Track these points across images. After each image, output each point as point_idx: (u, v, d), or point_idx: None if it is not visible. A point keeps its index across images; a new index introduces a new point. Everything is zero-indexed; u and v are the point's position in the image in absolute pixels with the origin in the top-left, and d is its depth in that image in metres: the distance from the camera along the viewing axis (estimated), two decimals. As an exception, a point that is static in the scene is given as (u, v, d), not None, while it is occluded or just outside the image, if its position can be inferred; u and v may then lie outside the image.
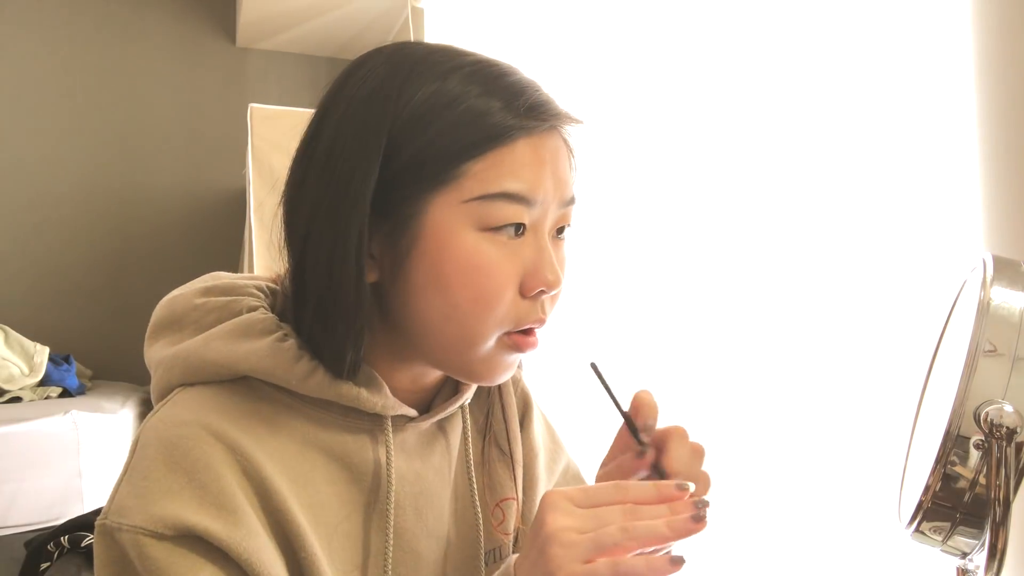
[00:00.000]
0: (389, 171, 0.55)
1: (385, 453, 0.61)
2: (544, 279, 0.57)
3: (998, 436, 0.50)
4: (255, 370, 0.56)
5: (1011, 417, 0.50)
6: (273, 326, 0.59)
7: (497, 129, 0.55)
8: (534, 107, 0.56)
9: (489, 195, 0.55)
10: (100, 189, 3.02)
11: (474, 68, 0.57)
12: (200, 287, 0.63)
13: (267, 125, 2.08)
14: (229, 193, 3.09)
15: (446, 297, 0.55)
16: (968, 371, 0.52)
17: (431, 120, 0.55)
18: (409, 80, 0.56)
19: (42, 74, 2.97)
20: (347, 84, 0.59)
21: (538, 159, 0.56)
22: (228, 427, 0.54)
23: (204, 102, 3.19)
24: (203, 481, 0.52)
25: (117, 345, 2.97)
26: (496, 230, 0.56)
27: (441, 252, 0.55)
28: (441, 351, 0.59)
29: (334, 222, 0.55)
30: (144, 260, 3.05)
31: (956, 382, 0.53)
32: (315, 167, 0.57)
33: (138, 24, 3.12)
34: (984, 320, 0.53)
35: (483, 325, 0.56)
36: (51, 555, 0.74)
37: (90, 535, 0.73)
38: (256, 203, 2.05)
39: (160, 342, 0.62)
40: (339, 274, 0.55)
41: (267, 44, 3.26)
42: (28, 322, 2.69)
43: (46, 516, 1.92)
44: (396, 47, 0.60)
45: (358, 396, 0.58)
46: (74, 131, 3.00)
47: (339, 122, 0.57)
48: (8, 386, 2.28)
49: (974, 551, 0.54)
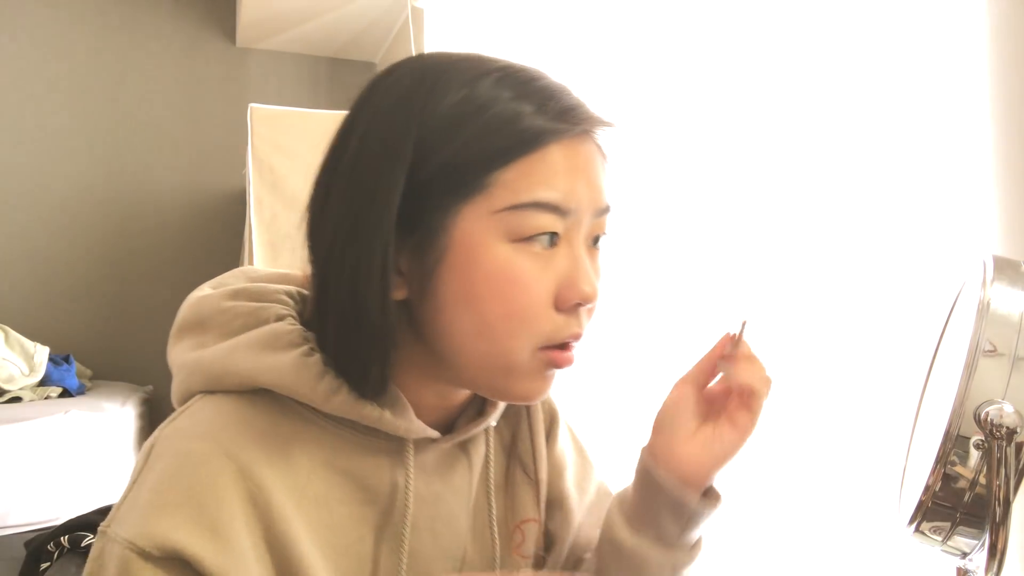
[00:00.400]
0: (416, 182, 0.53)
1: (404, 476, 0.59)
2: (580, 291, 0.55)
3: (998, 436, 0.50)
4: (277, 385, 0.55)
5: (1011, 417, 0.50)
6: (299, 339, 0.57)
7: (528, 134, 0.53)
8: (566, 111, 0.54)
9: (521, 205, 0.52)
10: (100, 189, 3.02)
11: (503, 73, 0.55)
12: (229, 290, 0.61)
13: (267, 125, 2.07)
14: (229, 193, 3.09)
15: (477, 313, 0.53)
16: (968, 371, 0.52)
17: (459, 127, 0.53)
18: (436, 87, 0.54)
19: (42, 74, 2.97)
20: (372, 95, 0.57)
21: (572, 165, 0.54)
22: (242, 446, 0.53)
23: (204, 102, 3.19)
24: (203, 502, 0.50)
25: (117, 345, 2.98)
26: (528, 240, 0.53)
27: (471, 265, 0.53)
28: (473, 369, 0.56)
29: (359, 236, 0.53)
30: (144, 260, 3.05)
31: (956, 382, 0.53)
32: (340, 179, 0.55)
33: (138, 24, 3.12)
34: (984, 320, 0.53)
35: (516, 341, 0.54)
36: (51, 555, 0.74)
37: (90, 535, 0.74)
38: (256, 203, 2.05)
39: (184, 343, 0.60)
40: (364, 291, 0.53)
41: (267, 44, 3.26)
42: (28, 322, 2.69)
43: (46, 516, 1.92)
44: (422, 56, 0.58)
45: (381, 418, 0.56)
46: (74, 131, 3.00)
47: (364, 133, 0.55)
48: (8, 386, 2.28)
49: (974, 551, 0.54)
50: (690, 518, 0.59)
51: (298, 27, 3.07)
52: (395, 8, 2.85)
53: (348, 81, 3.42)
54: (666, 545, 0.60)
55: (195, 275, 0.64)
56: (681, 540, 0.61)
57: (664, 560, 0.60)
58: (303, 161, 2.07)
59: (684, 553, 0.61)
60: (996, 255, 0.57)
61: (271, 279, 0.65)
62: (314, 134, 2.10)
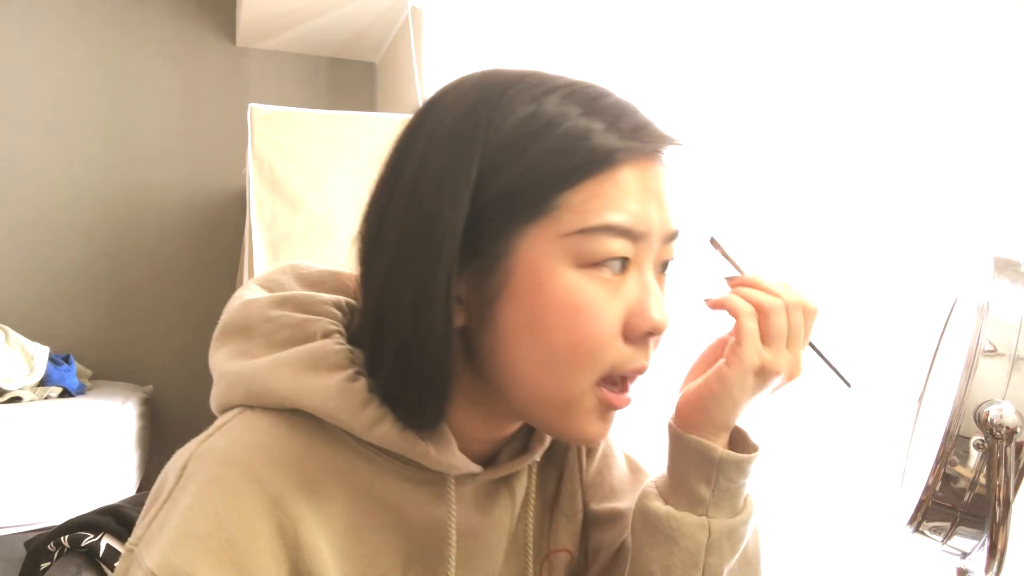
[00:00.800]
0: (479, 203, 0.50)
1: (445, 510, 0.57)
2: (651, 320, 0.51)
3: (998, 436, 0.50)
4: (318, 411, 0.53)
5: (1011, 417, 0.50)
6: (345, 361, 0.54)
7: (599, 154, 0.50)
8: (638, 129, 0.51)
9: (591, 228, 0.49)
10: (100, 189, 3.02)
11: (570, 89, 0.52)
12: (277, 297, 0.59)
13: (267, 125, 2.07)
14: (229, 193, 3.09)
15: (541, 342, 0.50)
16: (968, 371, 0.52)
17: (526, 146, 0.50)
18: (500, 104, 0.51)
19: (42, 74, 2.97)
20: (432, 112, 0.54)
21: (643, 187, 0.51)
22: (276, 473, 0.51)
23: (204, 102, 3.19)
24: (232, 534, 0.48)
25: (117, 345, 2.98)
26: (597, 266, 0.50)
27: (536, 292, 0.50)
28: (533, 403, 0.53)
29: (420, 260, 0.50)
30: (144, 260, 3.05)
31: (956, 382, 0.53)
32: (399, 200, 0.52)
33: (138, 24, 3.12)
34: (984, 320, 0.53)
35: (582, 373, 0.51)
36: (51, 555, 0.74)
37: (90, 535, 0.73)
38: (256, 203, 2.05)
39: (227, 348, 0.58)
40: (425, 319, 0.50)
41: (267, 44, 3.26)
42: (28, 322, 2.69)
43: (46, 516, 1.92)
44: (485, 73, 0.55)
45: (425, 453, 0.54)
46: (74, 131, 3.00)
47: (424, 152, 0.52)
48: (8, 386, 2.28)
49: (974, 551, 0.54)
50: (719, 472, 0.55)
51: (298, 27, 3.07)
52: (395, 8, 2.85)
53: (348, 81, 3.42)
54: (699, 510, 0.57)
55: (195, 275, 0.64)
56: (716, 502, 0.56)
57: (698, 527, 0.56)
58: (303, 161, 2.07)
59: (723, 518, 0.57)
60: (996, 255, 0.57)
61: (322, 278, 0.63)
62: (314, 134, 2.10)
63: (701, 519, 0.56)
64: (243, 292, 0.62)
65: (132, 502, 0.80)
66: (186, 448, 0.54)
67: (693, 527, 0.56)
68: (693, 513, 0.57)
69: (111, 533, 0.74)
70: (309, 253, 2.01)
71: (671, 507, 0.58)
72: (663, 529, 0.57)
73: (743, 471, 0.56)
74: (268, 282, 0.63)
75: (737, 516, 0.57)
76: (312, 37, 3.18)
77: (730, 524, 0.57)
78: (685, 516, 0.57)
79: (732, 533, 0.57)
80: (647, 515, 0.59)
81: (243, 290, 0.62)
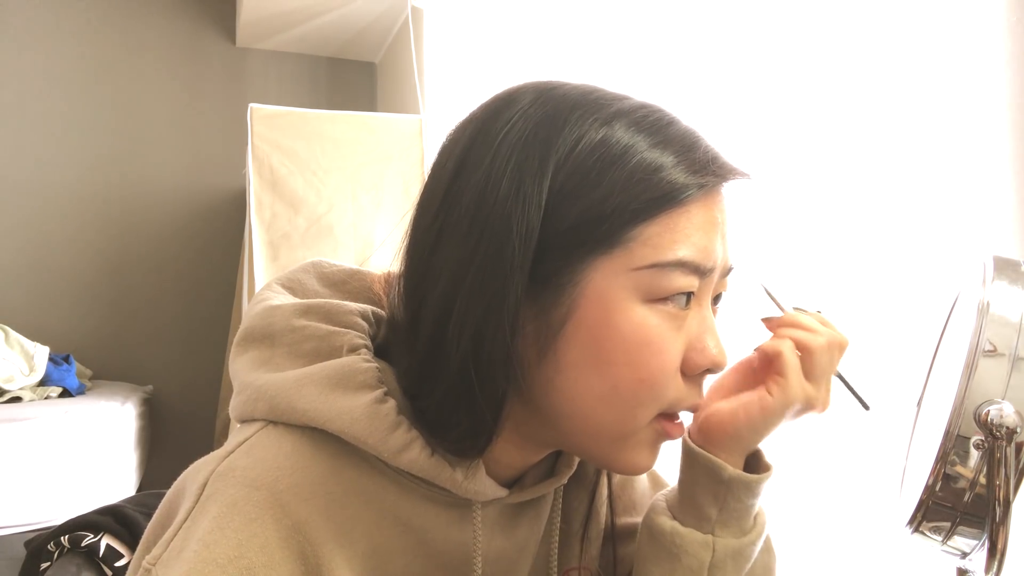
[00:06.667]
0: (548, 230, 0.48)
1: (470, 535, 0.56)
2: (711, 357, 0.51)
3: (998, 436, 0.50)
4: (345, 433, 0.51)
5: (1011, 417, 0.50)
6: (373, 380, 0.52)
7: (672, 188, 0.48)
8: (708, 163, 0.50)
9: (663, 263, 0.48)
10: (100, 189, 3.02)
11: (640, 114, 0.51)
12: (302, 305, 0.57)
13: (267, 125, 2.08)
14: (229, 193, 3.09)
15: (606, 376, 0.49)
16: (968, 371, 0.52)
17: (599, 175, 0.48)
18: (569, 125, 0.49)
19: (42, 74, 2.97)
20: (491, 127, 0.51)
21: (709, 221, 0.50)
22: (301, 496, 0.49)
23: (204, 102, 3.19)
24: (252, 562, 0.47)
25: (117, 345, 2.98)
26: (663, 301, 0.49)
27: (604, 326, 0.48)
28: (587, 436, 0.52)
29: (486, 287, 0.48)
30: (144, 260, 3.05)
31: (956, 382, 0.53)
32: (459, 221, 0.49)
33: (138, 24, 3.12)
34: (984, 320, 0.53)
35: (644, 409, 0.50)
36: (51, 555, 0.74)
37: (90, 535, 0.73)
38: (256, 203, 2.05)
39: (248, 355, 0.57)
40: (488, 349, 0.48)
41: (267, 44, 3.26)
42: (28, 322, 2.69)
43: (46, 516, 1.92)
44: (542, 87, 0.53)
45: (453, 480, 0.52)
46: (74, 131, 3.01)
47: (487, 171, 0.49)
48: (8, 386, 2.28)
49: (974, 551, 0.54)
50: (729, 491, 0.55)
51: (298, 27, 3.07)
52: (395, 8, 2.85)
53: (348, 81, 3.42)
54: (706, 528, 0.56)
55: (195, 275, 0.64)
56: (723, 521, 0.55)
57: (702, 545, 0.55)
58: (303, 161, 2.08)
59: (730, 537, 0.56)
60: (996, 255, 0.57)
61: (344, 278, 0.62)
62: (314, 134, 2.11)
63: (706, 537, 0.56)
64: (266, 294, 0.60)
65: (132, 502, 0.80)
66: (205, 463, 0.52)
67: (697, 545, 0.55)
68: (699, 531, 0.56)
69: (111, 533, 0.74)
70: (309, 253, 2.01)
71: (677, 523, 0.57)
72: (667, 545, 0.57)
73: (753, 492, 0.55)
74: (290, 282, 0.62)
75: (745, 536, 0.56)
76: (312, 37, 3.18)
77: (736, 544, 0.56)
78: (690, 533, 0.56)
79: (738, 554, 0.56)
80: (652, 529, 0.58)
81: (265, 291, 0.60)
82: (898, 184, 0.88)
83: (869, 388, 0.58)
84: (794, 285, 1.00)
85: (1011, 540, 0.50)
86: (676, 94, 1.24)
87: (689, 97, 1.22)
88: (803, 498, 1.01)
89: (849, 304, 0.94)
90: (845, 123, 0.95)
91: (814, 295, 0.97)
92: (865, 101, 0.92)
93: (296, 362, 0.55)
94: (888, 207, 0.89)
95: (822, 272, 0.98)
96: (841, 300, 0.95)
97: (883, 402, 0.87)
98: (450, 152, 0.53)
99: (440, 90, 2.41)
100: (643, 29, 1.34)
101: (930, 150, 0.83)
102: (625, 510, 0.70)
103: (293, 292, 0.61)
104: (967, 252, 0.77)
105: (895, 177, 0.88)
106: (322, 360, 0.54)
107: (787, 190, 1.03)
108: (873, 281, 0.91)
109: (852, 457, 0.93)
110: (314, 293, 0.61)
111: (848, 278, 0.94)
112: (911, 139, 0.85)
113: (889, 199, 0.89)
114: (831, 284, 0.96)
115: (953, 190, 0.80)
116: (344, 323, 0.56)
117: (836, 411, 0.57)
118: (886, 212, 0.89)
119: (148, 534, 0.52)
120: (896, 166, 0.88)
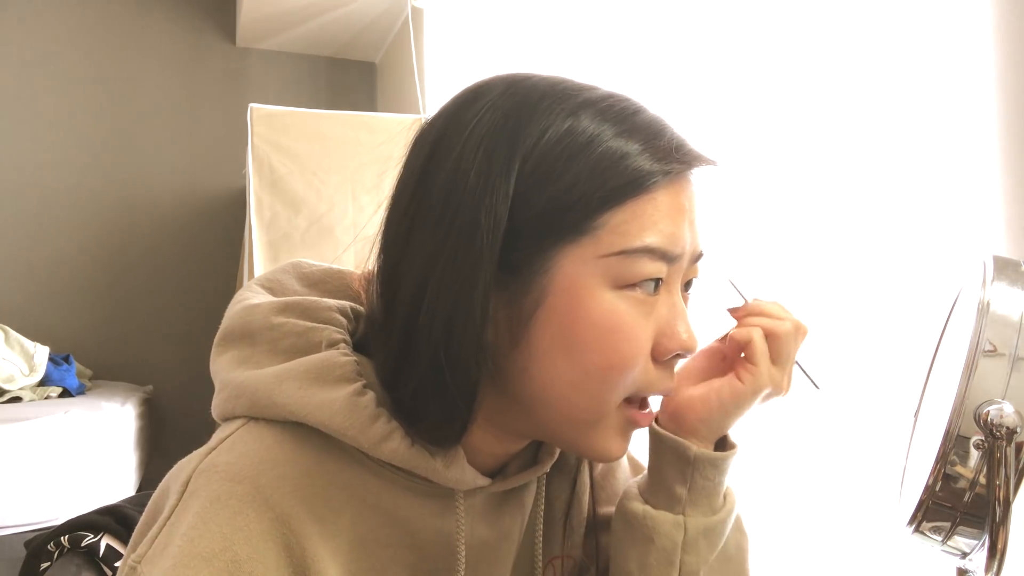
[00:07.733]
0: (516, 219, 0.49)
1: (453, 524, 0.57)
2: (681, 341, 0.52)
3: (998, 436, 0.50)
4: (325, 426, 0.51)
5: (1011, 417, 0.50)
6: (352, 374, 0.53)
7: (638, 175, 0.49)
8: (674, 150, 0.51)
9: (630, 250, 0.49)
10: (100, 189, 3.03)
11: (606, 103, 0.51)
12: (280, 303, 0.57)
13: (267, 125, 2.08)
14: (229, 193, 3.09)
15: (576, 363, 0.50)
16: (968, 371, 0.52)
17: (566, 163, 0.49)
18: (536, 115, 0.50)
19: (42, 74, 2.98)
20: (461, 118, 0.52)
21: (676, 207, 0.51)
22: (282, 490, 0.50)
23: (204, 102, 3.19)
24: (237, 554, 0.47)
25: (117, 345, 2.98)
26: (631, 287, 0.50)
27: (573, 312, 0.49)
28: (559, 422, 0.53)
29: (456, 276, 0.48)
30: (144, 260, 3.05)
31: (956, 382, 0.53)
32: (428, 213, 0.50)
33: (138, 24, 3.12)
34: (984, 320, 0.53)
35: (612, 393, 0.51)
36: (51, 555, 0.74)
37: (90, 535, 0.73)
38: (256, 203, 2.05)
39: (228, 355, 0.57)
40: (459, 336, 0.49)
41: (267, 44, 3.26)
42: (28, 322, 2.69)
43: (46, 516, 1.92)
44: (511, 79, 0.54)
45: (434, 469, 0.53)
46: (74, 131, 3.01)
47: (456, 162, 0.50)
48: (8, 386, 2.28)
49: (974, 551, 0.54)
50: (695, 470, 0.57)
51: (298, 27, 3.07)
52: (395, 8, 2.85)
53: (348, 81, 3.42)
54: (676, 509, 0.58)
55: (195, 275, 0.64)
56: (693, 500, 0.57)
57: (673, 525, 0.57)
58: (303, 161, 2.08)
59: (700, 516, 0.57)
60: (996, 255, 0.57)
61: (323, 277, 0.63)
62: (314, 134, 2.11)
63: (677, 518, 0.57)
64: (244, 295, 0.60)
65: (132, 502, 0.80)
66: (188, 461, 0.52)
67: (669, 525, 0.57)
68: (670, 512, 0.58)
69: (111, 533, 0.74)
70: (309, 253, 2.01)
71: (648, 506, 0.59)
72: (640, 528, 0.58)
73: (719, 469, 0.57)
74: (269, 282, 0.62)
75: (715, 515, 0.58)
76: (312, 37, 3.18)
77: (707, 523, 0.58)
78: (661, 515, 0.58)
79: (710, 531, 0.58)
80: (625, 514, 0.60)
81: (244, 292, 0.61)
82: (898, 184, 0.88)
83: (824, 371, 0.61)
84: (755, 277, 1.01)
85: (1011, 540, 0.50)
86: (677, 92, 1.24)
87: (689, 97, 1.22)
88: (804, 498, 1.01)
89: (849, 304, 0.94)
90: (845, 123, 0.95)
91: (771, 286, 0.99)
92: (865, 101, 0.92)
93: (276, 359, 0.55)
94: (888, 207, 0.89)
95: (822, 272, 0.98)
96: (840, 300, 0.95)
97: (834, 384, 0.87)
98: (421, 144, 0.54)
99: (440, 90, 2.41)
100: (643, 29, 1.34)
101: (930, 150, 0.83)
102: (608, 500, 0.71)
103: (272, 292, 0.62)
104: (967, 252, 0.77)
105: (895, 178, 0.88)
106: (301, 356, 0.54)
107: (787, 190, 1.03)
108: (873, 281, 0.91)
109: (852, 457, 0.93)
110: (293, 292, 0.62)
111: (848, 278, 0.94)
112: (911, 139, 0.85)
113: (889, 200, 0.89)
114: (831, 284, 0.96)
115: (953, 190, 0.80)
116: (322, 319, 0.57)
117: (836, 411, 0.57)
118: (886, 212, 0.89)
119: (135, 534, 0.52)
120: (896, 167, 0.88)
